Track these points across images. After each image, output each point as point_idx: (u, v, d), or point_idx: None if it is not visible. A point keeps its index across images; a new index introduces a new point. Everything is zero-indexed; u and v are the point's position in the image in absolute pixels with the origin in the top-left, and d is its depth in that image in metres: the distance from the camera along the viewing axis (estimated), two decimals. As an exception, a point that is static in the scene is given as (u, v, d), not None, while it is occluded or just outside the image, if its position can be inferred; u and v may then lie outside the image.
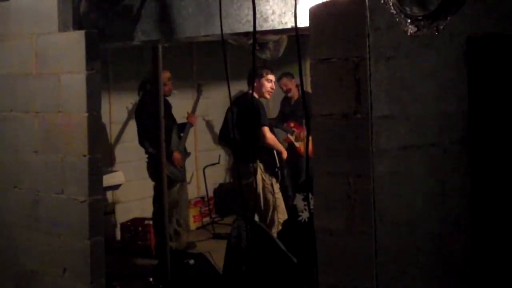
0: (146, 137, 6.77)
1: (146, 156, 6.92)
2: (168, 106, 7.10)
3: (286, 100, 8.25)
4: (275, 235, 6.07)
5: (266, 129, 6.63)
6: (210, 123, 9.16)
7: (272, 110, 9.03)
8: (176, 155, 7.11)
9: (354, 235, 3.04)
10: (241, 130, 6.38)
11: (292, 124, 7.91)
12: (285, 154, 6.86)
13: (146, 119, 6.59)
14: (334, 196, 3.10)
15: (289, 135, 7.89)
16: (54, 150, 4.33)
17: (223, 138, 7.06)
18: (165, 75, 7.35)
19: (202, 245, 7.40)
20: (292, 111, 7.98)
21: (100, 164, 4.32)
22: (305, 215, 5.97)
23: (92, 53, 4.20)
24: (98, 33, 4.27)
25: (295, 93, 8.04)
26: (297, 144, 7.89)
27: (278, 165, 6.81)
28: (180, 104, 7.58)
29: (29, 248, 4.49)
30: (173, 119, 7.30)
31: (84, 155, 4.19)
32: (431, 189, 2.75)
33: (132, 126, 7.81)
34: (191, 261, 5.29)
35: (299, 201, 6.43)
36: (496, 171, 2.61)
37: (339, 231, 3.09)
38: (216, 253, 5.67)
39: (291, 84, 8.02)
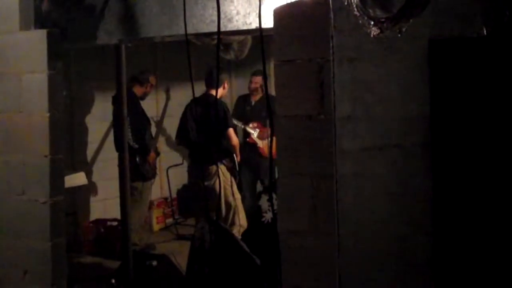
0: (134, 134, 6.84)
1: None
2: (141, 107, 7.28)
3: (244, 100, 8.21)
4: (238, 236, 6.07)
5: (232, 131, 6.67)
6: (173, 123, 9.12)
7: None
8: (152, 154, 7.17)
9: (318, 236, 3.05)
10: (202, 131, 6.38)
11: (255, 124, 7.90)
12: (239, 157, 6.95)
13: (131, 116, 6.60)
14: (297, 197, 3.11)
15: (252, 136, 7.87)
16: (15, 150, 4.27)
17: (182, 138, 7.04)
18: (153, 80, 7.53)
19: (165, 246, 7.35)
20: (252, 111, 7.97)
21: (62, 165, 4.27)
22: (268, 216, 5.99)
23: (54, 53, 4.15)
24: (61, 32, 4.22)
25: (258, 93, 8.03)
26: (260, 145, 7.88)
27: (237, 167, 6.85)
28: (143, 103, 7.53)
29: (-11, 250, 4.42)
30: (147, 118, 7.36)
31: (46, 156, 4.14)
32: (393, 190, 2.78)
33: (95, 126, 7.74)
34: (154, 263, 5.26)
35: (263, 202, 6.45)
36: (457, 173, 2.64)
37: (302, 232, 3.10)
38: (179, 254, 5.64)
39: (261, 84, 8.01)
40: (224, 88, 6.85)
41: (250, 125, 7.87)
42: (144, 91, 7.39)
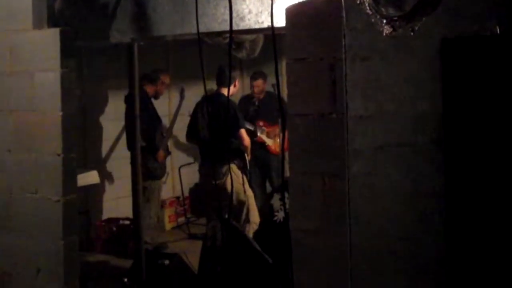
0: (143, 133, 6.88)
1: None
2: (152, 106, 7.29)
3: (248, 99, 8.23)
4: (250, 235, 6.07)
5: (244, 132, 6.68)
6: (186, 122, 9.12)
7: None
8: (160, 153, 7.17)
9: (329, 235, 3.04)
10: (212, 130, 6.39)
11: (261, 123, 7.92)
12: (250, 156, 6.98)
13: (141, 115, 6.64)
14: (309, 196, 3.10)
15: (259, 134, 7.89)
16: (28, 149, 4.29)
17: (193, 136, 7.04)
18: (167, 79, 7.51)
19: (177, 245, 7.35)
20: (257, 111, 8.00)
21: (75, 163, 4.28)
22: (280, 215, 5.98)
23: (67, 51, 4.16)
24: (73, 31, 4.23)
25: (261, 94, 8.06)
26: (269, 143, 7.91)
27: (248, 166, 6.86)
28: (155, 102, 7.53)
29: (2, 249, 4.43)
30: (157, 117, 7.36)
31: (58, 154, 4.15)
32: (405, 189, 2.76)
33: (108, 125, 7.76)
34: (166, 262, 5.26)
35: (275, 201, 6.44)
36: (469, 172, 2.63)
37: (314, 231, 3.09)
38: (191, 253, 5.65)
39: (264, 86, 8.04)
40: (235, 86, 6.83)
41: (257, 125, 7.90)
42: (155, 90, 7.40)
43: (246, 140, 6.71)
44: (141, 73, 5.58)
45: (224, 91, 6.54)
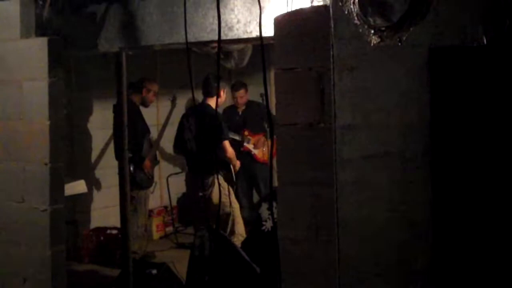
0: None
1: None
2: (141, 114, 7.25)
3: (232, 110, 8.26)
4: (238, 245, 6.06)
5: (227, 144, 6.72)
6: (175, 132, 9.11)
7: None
8: (147, 162, 7.14)
9: (318, 243, 3.05)
10: (199, 141, 6.40)
11: (246, 133, 7.96)
12: (238, 167, 6.98)
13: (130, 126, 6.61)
14: (297, 205, 3.11)
15: (246, 144, 7.92)
16: (15, 158, 4.28)
17: (179, 147, 7.05)
18: (154, 87, 7.43)
19: (165, 255, 7.34)
20: (241, 120, 8.03)
21: (62, 173, 4.27)
22: (268, 224, 5.98)
23: (55, 60, 4.16)
24: (61, 40, 4.23)
25: (243, 104, 8.10)
26: (255, 152, 7.94)
27: (234, 177, 6.88)
28: (144, 112, 7.52)
29: (-12, 257, 4.42)
30: (145, 127, 7.32)
31: (46, 164, 4.14)
32: (393, 198, 2.77)
33: (95, 134, 7.74)
34: (154, 271, 5.25)
35: (263, 210, 6.44)
36: (457, 181, 2.64)
37: (302, 240, 3.10)
38: (179, 262, 5.64)
39: (247, 95, 8.07)
40: (220, 96, 6.81)
41: (243, 134, 7.93)
42: (141, 98, 7.36)
43: (229, 151, 6.75)
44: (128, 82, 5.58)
45: (210, 102, 6.56)
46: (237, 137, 7.75)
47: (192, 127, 6.60)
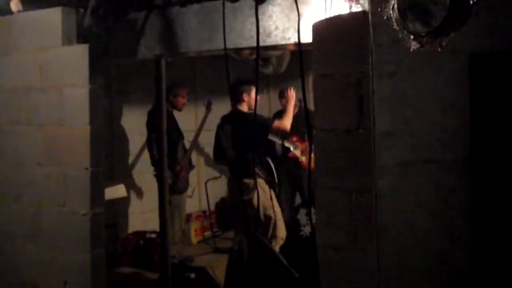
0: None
1: (153, 169, 6.92)
2: (174, 120, 7.23)
3: (281, 115, 8.22)
4: (277, 249, 6.05)
5: (276, 122, 6.57)
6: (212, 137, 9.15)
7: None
8: (181, 167, 7.18)
9: (357, 250, 3.03)
10: (237, 147, 6.39)
11: (294, 139, 7.92)
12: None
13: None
14: (336, 211, 3.10)
15: (293, 150, 7.90)
16: (56, 163, 4.34)
17: (219, 157, 7.04)
18: (181, 91, 7.43)
19: (203, 259, 7.36)
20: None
21: (102, 177, 4.32)
22: (307, 230, 5.96)
23: (95, 67, 4.21)
24: (102, 47, 4.28)
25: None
26: (302, 158, 7.90)
27: (276, 180, 6.84)
28: (179, 116, 7.55)
29: (30, 260, 4.48)
30: (179, 132, 7.35)
31: (86, 168, 4.19)
32: (433, 205, 2.75)
33: (135, 139, 7.81)
34: (192, 275, 5.28)
35: (301, 215, 6.42)
36: (498, 189, 2.61)
37: (341, 247, 3.09)
38: (217, 267, 5.66)
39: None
40: (244, 100, 6.71)
41: (290, 140, 7.89)
42: (170, 103, 7.32)
43: (282, 123, 6.58)
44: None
45: (240, 107, 6.54)
46: (278, 140, 7.72)
47: (228, 134, 6.60)
